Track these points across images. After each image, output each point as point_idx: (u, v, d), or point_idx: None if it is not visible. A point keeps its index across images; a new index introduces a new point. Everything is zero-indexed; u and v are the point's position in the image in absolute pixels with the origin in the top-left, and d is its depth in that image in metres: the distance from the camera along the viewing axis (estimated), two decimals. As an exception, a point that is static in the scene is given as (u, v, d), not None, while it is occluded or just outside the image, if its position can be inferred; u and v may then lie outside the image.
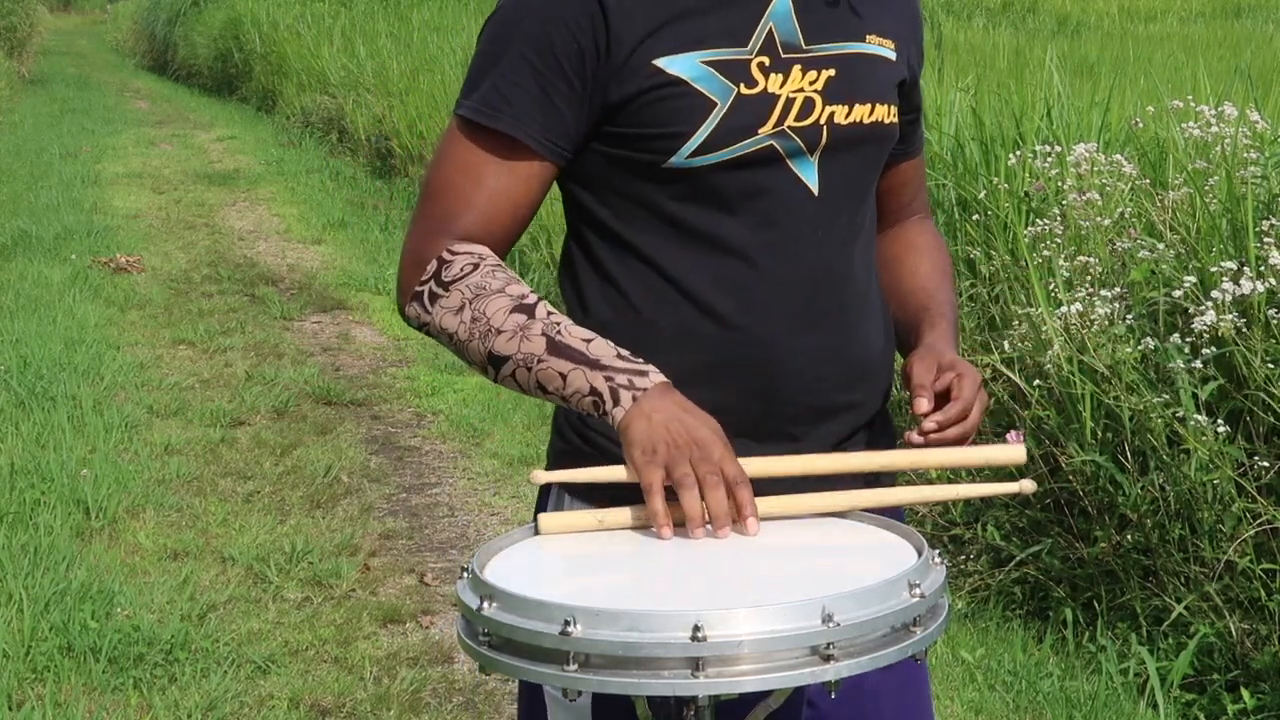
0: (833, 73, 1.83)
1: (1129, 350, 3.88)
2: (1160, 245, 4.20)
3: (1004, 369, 4.28)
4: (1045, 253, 4.41)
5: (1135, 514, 3.86)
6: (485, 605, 1.52)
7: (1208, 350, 3.66)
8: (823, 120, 1.81)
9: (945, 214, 5.33)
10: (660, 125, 1.77)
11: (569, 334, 1.74)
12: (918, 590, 1.52)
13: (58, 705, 3.67)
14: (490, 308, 1.76)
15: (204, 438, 5.84)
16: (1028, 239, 4.53)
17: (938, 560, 1.60)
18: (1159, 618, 3.82)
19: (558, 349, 1.73)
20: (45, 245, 9.36)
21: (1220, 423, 3.62)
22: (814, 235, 1.84)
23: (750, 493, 1.66)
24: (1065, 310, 4.03)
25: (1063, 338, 4.04)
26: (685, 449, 1.66)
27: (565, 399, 1.74)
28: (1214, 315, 3.63)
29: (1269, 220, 3.95)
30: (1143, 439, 3.86)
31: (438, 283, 1.80)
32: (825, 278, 1.85)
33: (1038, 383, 4.14)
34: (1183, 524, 3.75)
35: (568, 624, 1.44)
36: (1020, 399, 4.29)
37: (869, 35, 1.87)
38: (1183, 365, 3.69)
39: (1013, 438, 4.14)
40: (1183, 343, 3.76)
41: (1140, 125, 5.28)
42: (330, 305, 8.25)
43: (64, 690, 3.75)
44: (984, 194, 5.16)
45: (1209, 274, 3.87)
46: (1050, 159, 4.86)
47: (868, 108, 1.85)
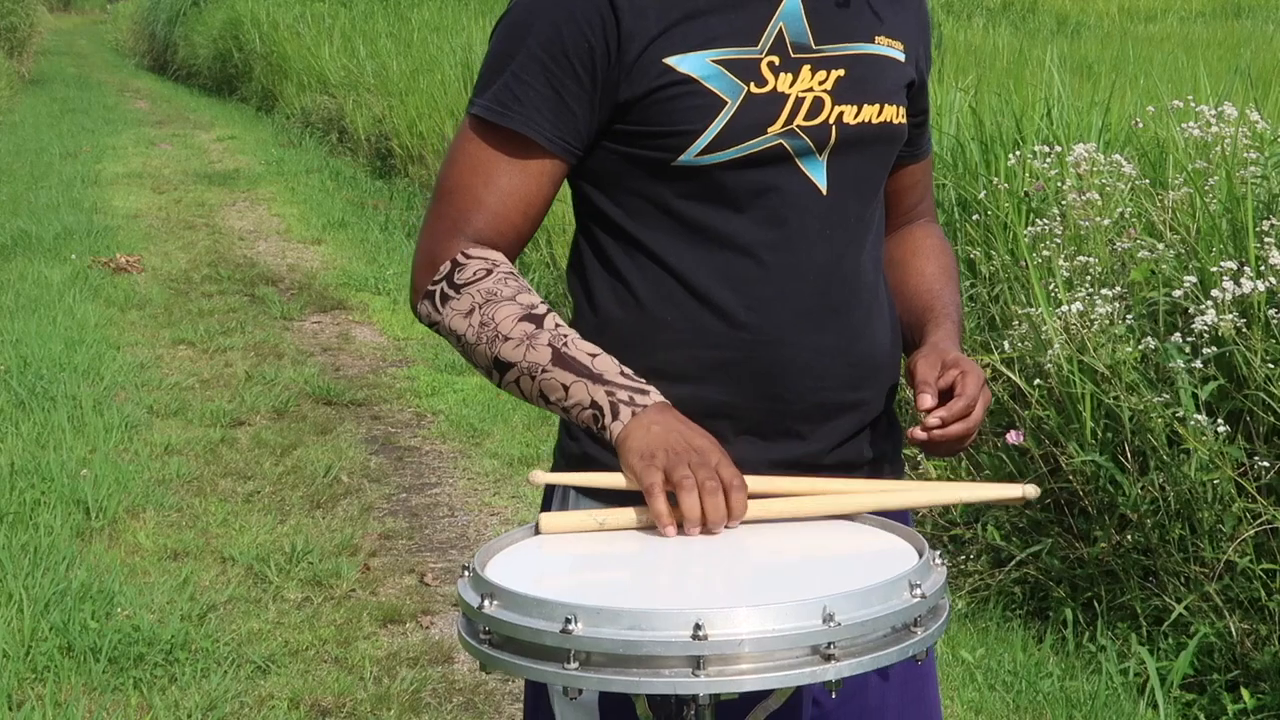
0: (842, 73, 1.84)
1: (1129, 350, 3.88)
2: (1160, 245, 4.20)
3: (1004, 369, 4.28)
4: (1045, 253, 4.41)
5: (1135, 514, 3.86)
6: (486, 603, 1.52)
7: (1208, 350, 3.66)
8: (831, 120, 1.83)
9: (945, 214, 5.33)
10: (670, 123, 1.78)
11: (575, 347, 1.76)
12: (919, 590, 1.52)
13: (58, 705, 3.67)
14: (499, 314, 1.78)
15: (204, 438, 5.84)
16: (1028, 239, 4.53)
17: (939, 561, 1.61)
18: (1159, 618, 3.82)
19: (562, 360, 1.75)
20: (45, 245, 9.36)
21: (1220, 423, 3.62)
22: (822, 234, 1.85)
23: (744, 497, 1.67)
24: (1065, 310, 4.03)
25: (1063, 338, 4.04)
26: (684, 455, 1.67)
27: (566, 410, 1.76)
28: (1214, 315, 3.63)
29: (1269, 220, 3.95)
30: (1143, 439, 3.86)
31: (449, 284, 1.82)
32: (833, 276, 1.86)
33: (1038, 383, 4.14)
34: (1183, 524, 3.75)
35: (569, 622, 1.44)
36: (1020, 399, 4.29)
37: (878, 36, 1.89)
38: (1183, 365, 3.69)
39: (1013, 437, 4.14)
40: (1183, 343, 3.76)
41: (1140, 125, 5.28)
42: (330, 305, 8.25)
43: (64, 690, 3.75)
44: (984, 194, 5.16)
45: (1209, 274, 3.87)
46: (1050, 159, 4.86)
47: (876, 108, 1.86)
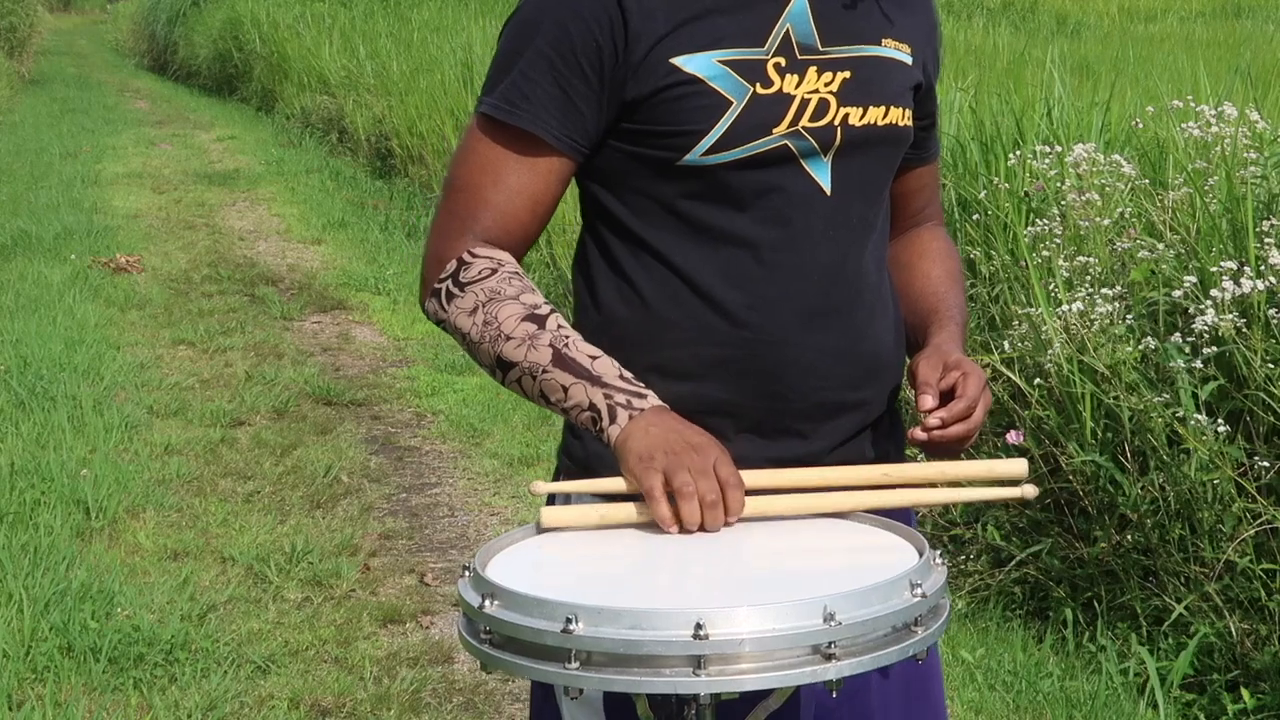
0: (848, 75, 1.84)
1: (1129, 350, 3.88)
2: (1160, 245, 4.20)
3: (1004, 369, 4.28)
4: (1045, 253, 4.41)
5: (1135, 514, 3.86)
6: (487, 603, 1.52)
7: (1208, 350, 3.66)
8: (837, 121, 1.83)
9: (945, 214, 5.33)
10: (676, 123, 1.79)
11: (576, 349, 1.77)
12: (919, 590, 1.52)
13: (58, 705, 3.67)
14: (502, 313, 1.79)
15: (204, 438, 5.84)
16: (1028, 239, 4.53)
17: (939, 561, 1.61)
18: (1159, 618, 3.82)
19: (563, 361, 1.76)
20: (45, 245, 9.36)
21: (1220, 423, 3.62)
22: (825, 234, 1.85)
23: (741, 495, 1.68)
24: (1065, 310, 4.03)
25: (1063, 338, 4.04)
26: (682, 454, 1.68)
27: (565, 411, 1.77)
28: (1214, 315, 3.63)
29: (1269, 220, 3.95)
30: (1143, 439, 3.86)
31: (455, 282, 1.83)
32: (836, 276, 1.86)
33: (1038, 383, 4.14)
34: (1183, 524, 3.75)
35: (569, 622, 1.44)
36: (1020, 399, 4.29)
37: (885, 39, 1.89)
38: (1183, 365, 3.69)
39: (1013, 437, 4.14)
40: (1183, 343, 3.76)
41: (1140, 125, 5.28)
42: (330, 305, 8.25)
43: (64, 690, 3.75)
44: (984, 194, 5.16)
45: (1209, 274, 3.87)
46: (1050, 159, 4.86)
47: (882, 110, 1.87)
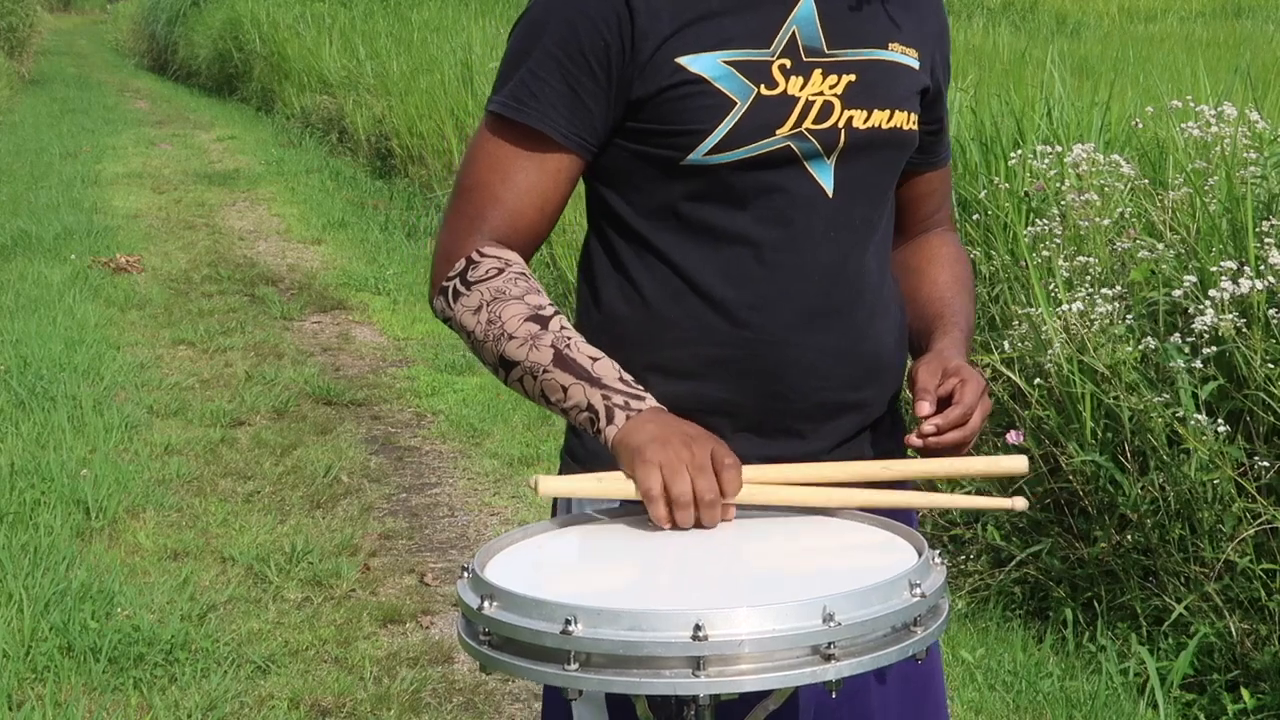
0: (853, 78, 1.85)
1: (1129, 350, 3.88)
2: (1160, 245, 4.20)
3: (1004, 369, 4.28)
4: (1045, 253, 4.41)
5: (1135, 514, 3.86)
6: (486, 604, 1.52)
7: (1207, 350, 3.66)
8: (840, 124, 1.84)
9: (945, 214, 5.33)
10: (680, 122, 1.80)
11: (577, 350, 1.77)
12: (918, 590, 1.52)
13: (58, 705, 3.67)
14: (506, 313, 1.80)
15: (204, 438, 5.84)
16: (1028, 239, 4.53)
17: (938, 560, 1.61)
18: (1159, 618, 3.82)
19: (563, 362, 1.76)
20: (45, 245, 9.36)
21: (1220, 423, 3.62)
22: (826, 235, 1.86)
23: (738, 475, 1.68)
24: (1065, 310, 4.03)
25: (1063, 338, 4.04)
26: (678, 450, 1.67)
27: (565, 411, 1.77)
28: (1214, 315, 3.63)
29: (1269, 220, 3.95)
30: (1143, 439, 3.86)
31: (462, 281, 1.84)
32: (837, 276, 1.87)
33: (1038, 383, 4.14)
34: (1183, 524, 3.75)
35: (568, 623, 1.44)
36: (1020, 399, 4.29)
37: (892, 43, 1.90)
38: (1183, 365, 3.69)
39: (1013, 437, 4.14)
40: (1183, 343, 3.76)
41: (1140, 125, 5.28)
42: (330, 305, 8.26)
43: (64, 690, 3.75)
44: (984, 194, 5.16)
45: (1209, 274, 3.87)
46: (1050, 159, 4.86)
47: (886, 113, 1.87)
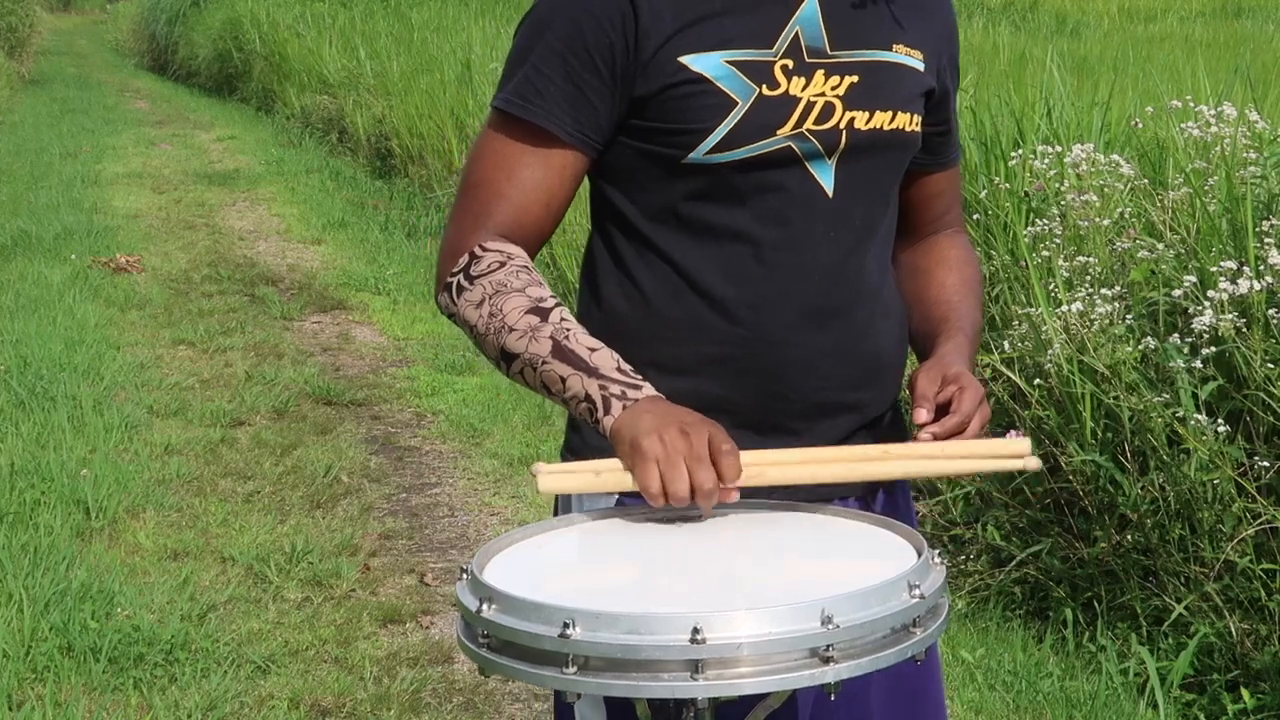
0: (855, 79, 1.85)
1: (1129, 350, 3.88)
2: (1160, 245, 4.20)
3: (1004, 369, 4.28)
4: (1045, 253, 4.41)
5: (1135, 514, 3.85)
6: (484, 607, 1.52)
7: (1207, 350, 3.66)
8: (842, 125, 1.84)
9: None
10: (682, 121, 1.81)
11: (576, 341, 1.77)
12: (917, 591, 1.51)
13: (58, 705, 3.67)
14: (507, 305, 1.80)
15: (204, 438, 5.84)
16: (1028, 239, 4.53)
17: (937, 560, 1.60)
18: (1159, 618, 3.82)
19: (562, 353, 1.76)
20: (45, 245, 9.36)
21: (1220, 423, 3.62)
22: (826, 235, 1.86)
23: (736, 461, 1.66)
24: (1065, 310, 4.02)
25: (1063, 338, 4.04)
26: (673, 434, 1.66)
27: (565, 402, 1.78)
28: (1212, 316, 3.63)
29: (1269, 220, 3.95)
30: (1143, 439, 3.86)
31: (466, 276, 1.85)
32: (837, 277, 1.87)
33: (1038, 383, 4.13)
34: (1183, 524, 3.75)
35: (567, 626, 1.44)
36: (1020, 399, 4.29)
37: (896, 45, 1.90)
38: (1183, 365, 3.69)
39: (1013, 436, 4.14)
40: (1182, 343, 3.76)
41: (1140, 125, 5.28)
42: (330, 305, 8.25)
43: (64, 690, 3.75)
44: (984, 194, 5.16)
45: (1209, 274, 3.87)
46: (1050, 159, 4.86)
47: (889, 115, 1.87)
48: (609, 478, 1.70)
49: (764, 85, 1.81)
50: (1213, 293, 3.65)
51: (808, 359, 1.86)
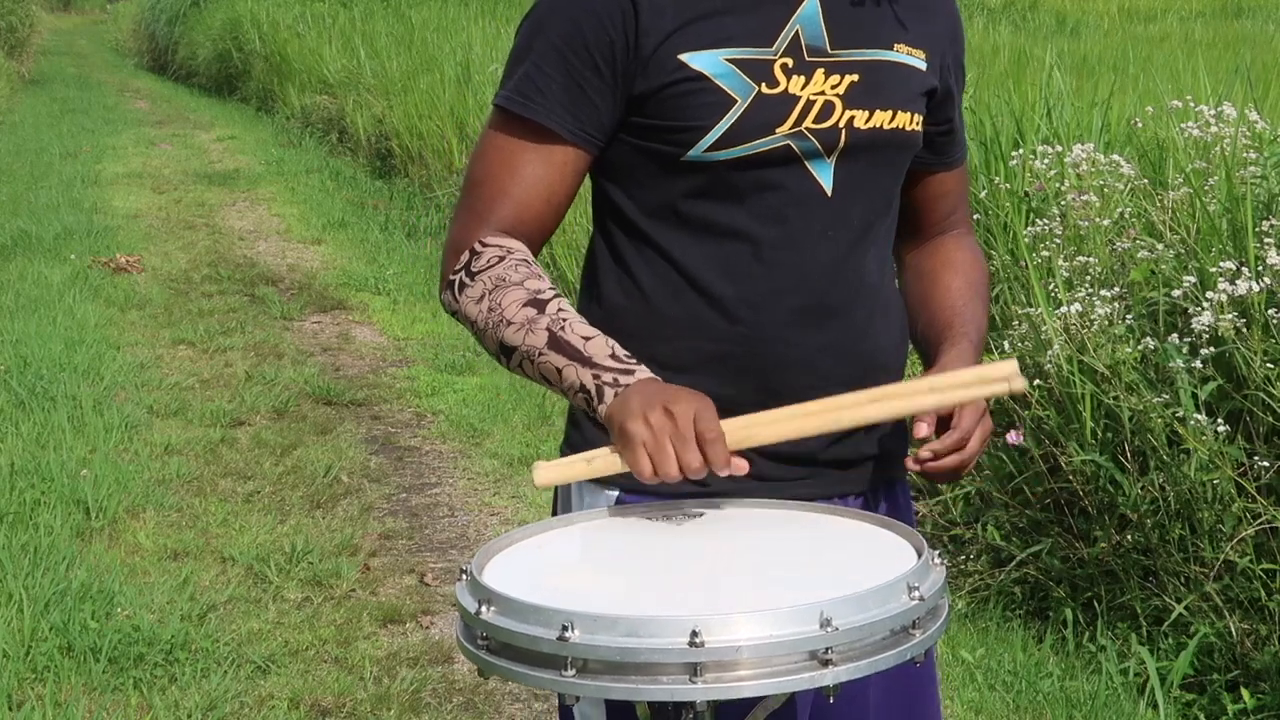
0: (856, 78, 1.85)
1: (1129, 350, 3.88)
2: (1160, 245, 4.20)
3: (1004, 369, 4.27)
4: (1045, 253, 4.41)
5: (1135, 514, 3.85)
6: (483, 609, 1.52)
7: (1207, 350, 3.66)
8: (841, 124, 1.84)
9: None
10: (681, 118, 1.81)
11: (571, 331, 1.78)
12: (917, 593, 1.51)
13: (58, 705, 3.67)
14: (506, 299, 1.81)
15: (204, 438, 5.84)
16: (1028, 239, 4.53)
17: (937, 561, 1.60)
18: (1159, 618, 3.82)
19: (558, 344, 1.77)
20: (45, 245, 9.36)
21: (1220, 423, 3.62)
22: (824, 234, 1.86)
23: (723, 449, 1.66)
24: (1065, 310, 4.02)
25: (1063, 338, 4.04)
26: (658, 415, 1.66)
27: (564, 392, 1.79)
28: (1210, 316, 3.63)
29: (1269, 220, 3.95)
30: (1143, 439, 3.86)
31: (467, 272, 1.86)
32: (835, 276, 1.87)
33: (1038, 383, 4.13)
34: (1183, 524, 3.75)
35: (565, 629, 1.44)
36: (1020, 399, 4.29)
37: (897, 44, 1.90)
38: (1182, 365, 3.69)
39: (1013, 437, 4.13)
40: (1182, 343, 3.76)
41: (1140, 125, 5.28)
42: (330, 305, 8.25)
43: (64, 690, 3.75)
44: (984, 194, 5.16)
45: (1208, 274, 3.87)
46: (1050, 159, 4.86)
47: (889, 114, 1.87)
48: (600, 464, 1.71)
49: (763, 83, 1.81)
50: (1212, 293, 3.65)
51: (806, 357, 1.86)
